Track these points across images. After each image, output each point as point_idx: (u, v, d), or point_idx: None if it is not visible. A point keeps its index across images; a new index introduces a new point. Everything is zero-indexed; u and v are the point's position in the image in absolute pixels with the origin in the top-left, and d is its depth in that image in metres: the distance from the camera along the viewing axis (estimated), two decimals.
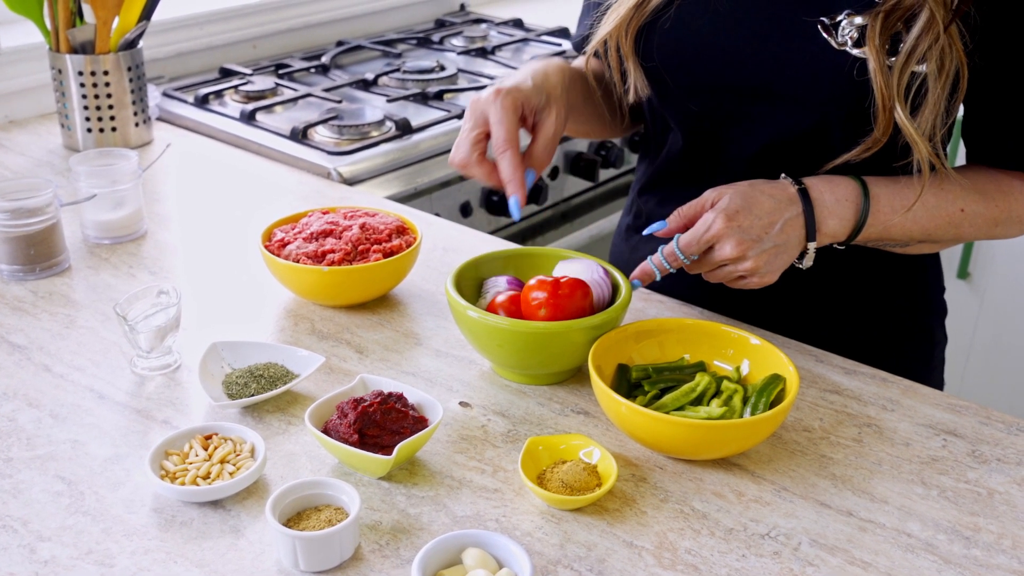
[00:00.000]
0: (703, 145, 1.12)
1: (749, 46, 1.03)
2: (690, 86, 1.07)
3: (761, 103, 1.04)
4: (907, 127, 0.95)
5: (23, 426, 0.92)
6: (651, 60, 1.07)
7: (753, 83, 1.03)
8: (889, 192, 1.02)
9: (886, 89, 0.95)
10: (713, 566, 0.78)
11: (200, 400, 0.97)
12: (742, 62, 1.03)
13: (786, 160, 1.05)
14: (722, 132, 1.09)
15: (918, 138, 0.95)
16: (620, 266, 1.25)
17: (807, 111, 1.02)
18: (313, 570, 0.76)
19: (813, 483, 0.88)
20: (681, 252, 0.98)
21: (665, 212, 1.15)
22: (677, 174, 1.16)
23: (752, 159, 1.08)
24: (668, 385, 0.94)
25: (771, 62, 1.02)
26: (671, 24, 1.05)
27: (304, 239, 1.12)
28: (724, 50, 1.04)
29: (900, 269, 1.13)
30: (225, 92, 1.80)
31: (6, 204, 1.15)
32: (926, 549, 0.81)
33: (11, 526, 0.81)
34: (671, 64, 1.06)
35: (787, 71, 1.01)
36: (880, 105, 0.95)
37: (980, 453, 0.92)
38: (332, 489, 0.81)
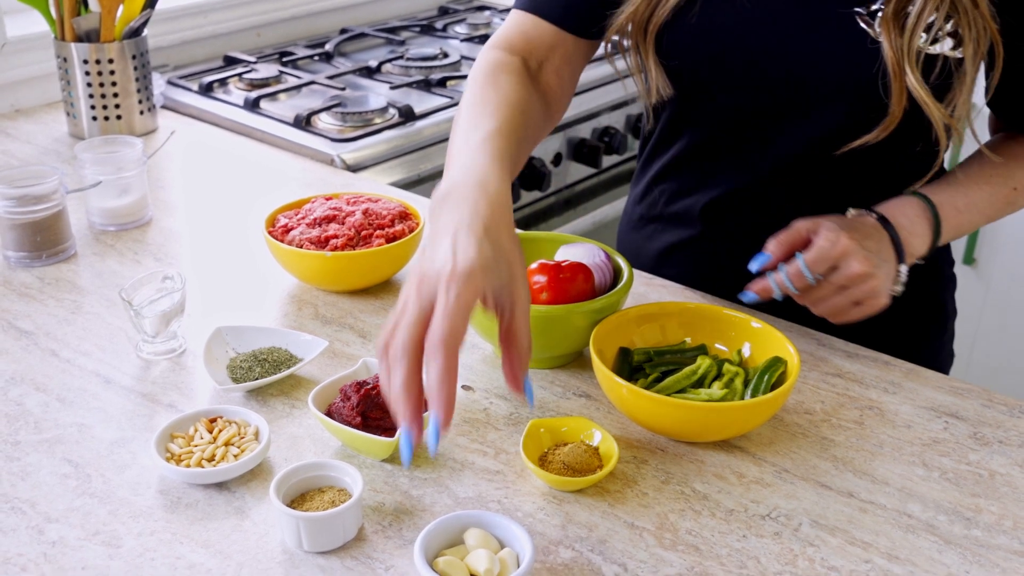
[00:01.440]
0: (731, 137, 1.10)
1: (781, 41, 1.00)
2: (718, 84, 1.05)
3: (794, 97, 1.03)
4: (918, 91, 0.93)
5: (30, 410, 0.93)
6: (674, 59, 1.04)
7: (786, 79, 1.01)
8: (948, 195, 1.03)
9: (894, 53, 0.93)
10: (714, 546, 0.79)
11: (205, 384, 0.97)
12: (774, 58, 1.01)
13: (821, 150, 1.04)
14: (751, 126, 1.08)
15: (930, 103, 0.94)
16: (630, 256, 1.25)
17: (842, 103, 1.01)
18: (317, 550, 0.77)
19: (814, 465, 0.88)
20: (808, 270, 0.95)
21: (688, 202, 1.16)
22: (701, 163, 1.14)
23: (785, 151, 1.07)
24: (669, 368, 0.94)
25: (805, 57, 1.00)
26: (696, 21, 1.02)
27: (307, 225, 1.12)
28: (754, 46, 1.01)
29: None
30: (229, 80, 1.80)
31: (12, 191, 1.15)
32: (927, 530, 0.81)
33: (19, 508, 0.81)
34: (698, 63, 1.04)
35: (822, 65, 0.99)
36: (892, 71, 0.94)
37: (982, 435, 0.93)
38: (335, 471, 0.81)
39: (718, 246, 1.15)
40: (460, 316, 0.71)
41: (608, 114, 1.88)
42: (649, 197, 1.23)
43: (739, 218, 1.13)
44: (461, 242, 0.75)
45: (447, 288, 0.72)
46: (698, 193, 1.14)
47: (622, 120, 1.91)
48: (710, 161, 1.13)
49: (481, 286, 0.73)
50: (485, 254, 0.74)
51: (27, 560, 0.76)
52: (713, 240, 1.15)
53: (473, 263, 0.73)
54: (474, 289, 0.73)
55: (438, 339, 0.71)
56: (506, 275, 0.76)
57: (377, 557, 0.77)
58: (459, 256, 0.74)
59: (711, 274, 1.15)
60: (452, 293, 0.72)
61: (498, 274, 0.75)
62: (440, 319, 0.71)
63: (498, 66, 1.02)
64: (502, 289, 0.75)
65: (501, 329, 0.77)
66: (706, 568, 0.77)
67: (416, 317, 0.72)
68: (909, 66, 0.93)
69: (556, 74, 1.08)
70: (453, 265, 0.73)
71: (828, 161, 1.04)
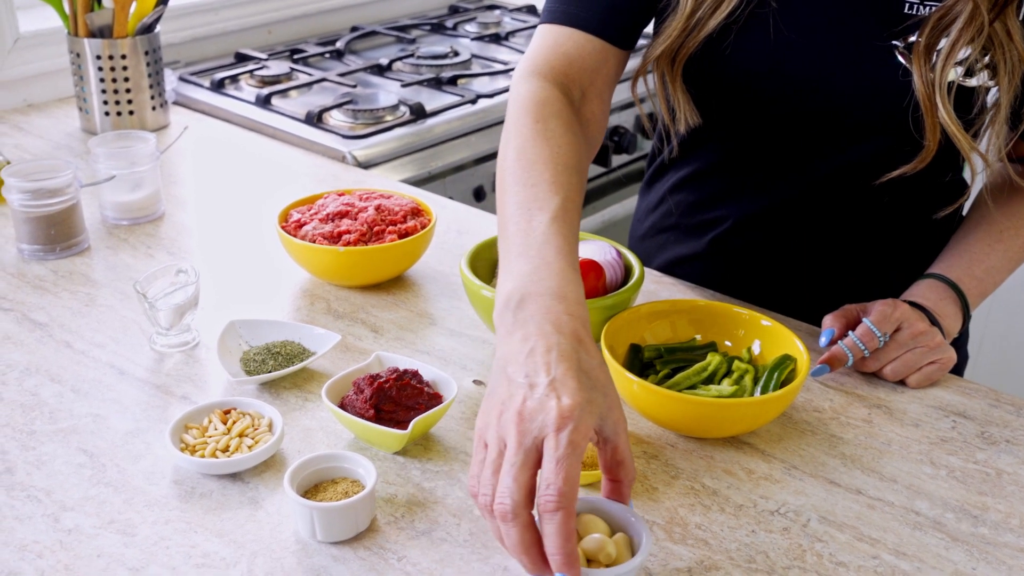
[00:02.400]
0: (757, 163, 1.09)
1: (816, 74, 0.99)
2: (748, 114, 1.05)
3: (828, 130, 1.02)
4: (949, 125, 0.93)
5: (46, 400, 0.94)
6: (704, 89, 1.03)
7: (820, 112, 1.01)
8: (965, 267, 1.04)
9: (925, 86, 0.93)
10: (723, 541, 0.80)
11: (218, 377, 0.98)
12: (808, 91, 1.00)
13: (851, 180, 1.04)
14: (781, 154, 1.07)
15: (961, 136, 0.94)
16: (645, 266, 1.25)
17: (877, 136, 1.01)
18: (330, 540, 0.78)
19: (823, 462, 0.89)
20: (876, 328, 0.97)
21: (706, 217, 1.15)
22: (722, 182, 1.14)
23: (815, 180, 1.07)
24: (680, 365, 0.95)
25: (840, 90, 0.99)
26: (730, 52, 0.99)
27: (320, 220, 1.13)
28: (789, 79, 1.00)
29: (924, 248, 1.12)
30: (241, 77, 1.81)
31: (27, 185, 1.16)
32: (934, 527, 0.82)
33: (35, 496, 0.82)
34: (728, 94, 1.03)
35: (858, 100, 0.99)
36: (924, 106, 0.94)
37: (989, 434, 0.93)
38: (349, 462, 0.82)
39: (732, 262, 1.16)
40: (576, 468, 0.67)
41: (617, 114, 1.89)
42: (663, 207, 1.22)
43: (757, 237, 1.13)
44: (559, 374, 0.69)
45: (558, 434, 0.66)
46: (719, 208, 1.14)
47: (632, 120, 1.92)
48: (732, 181, 1.13)
49: (590, 425, 0.69)
50: (586, 388, 0.69)
51: (43, 547, 0.77)
52: (727, 256, 1.16)
53: (580, 403, 0.68)
54: (586, 431, 0.68)
55: (557, 496, 0.65)
56: (604, 404, 0.70)
57: (390, 548, 0.78)
58: (563, 397, 0.68)
59: (722, 288, 1.15)
60: (564, 441, 0.66)
61: (599, 406, 0.70)
62: (556, 473, 0.66)
63: (543, 106, 0.92)
64: (603, 419, 0.70)
65: (604, 459, 0.72)
66: (715, 562, 0.77)
67: (524, 463, 0.67)
68: (941, 99, 0.93)
69: (599, 99, 1.00)
70: (559, 408, 0.67)
71: (857, 189, 1.04)
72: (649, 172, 1.26)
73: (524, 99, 0.93)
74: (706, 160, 1.14)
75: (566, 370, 0.69)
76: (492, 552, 0.78)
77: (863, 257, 1.12)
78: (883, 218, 1.09)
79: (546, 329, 0.72)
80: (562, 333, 0.72)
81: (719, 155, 1.13)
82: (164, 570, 0.75)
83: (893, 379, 0.99)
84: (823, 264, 1.12)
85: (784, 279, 1.14)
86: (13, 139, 1.56)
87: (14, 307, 1.09)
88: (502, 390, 0.71)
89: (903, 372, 0.98)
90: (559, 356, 0.70)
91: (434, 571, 0.76)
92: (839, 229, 1.10)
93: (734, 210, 1.13)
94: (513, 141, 0.90)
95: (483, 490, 0.69)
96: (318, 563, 0.76)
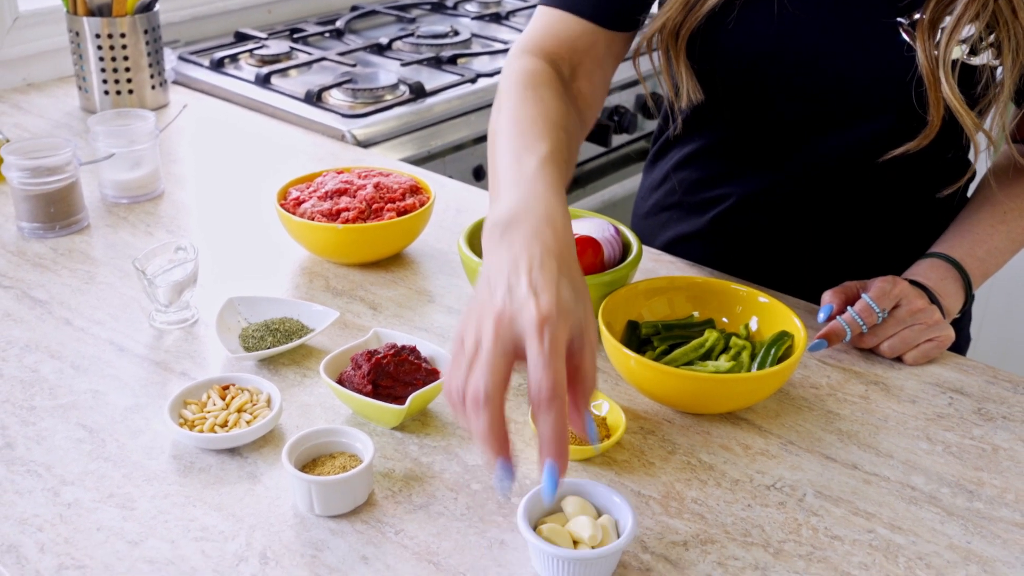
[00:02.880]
0: (762, 140, 1.09)
1: (821, 51, 0.99)
2: (752, 91, 1.05)
3: (833, 107, 1.02)
4: (952, 101, 0.93)
5: (46, 376, 0.94)
6: (707, 64, 1.03)
7: (825, 89, 1.01)
8: (968, 247, 1.04)
9: (929, 62, 0.92)
10: (719, 515, 0.80)
11: (217, 353, 0.99)
12: (813, 68, 1.00)
13: (856, 158, 1.04)
14: (785, 131, 1.07)
15: (964, 112, 0.93)
16: (644, 243, 1.25)
17: (884, 114, 1.00)
18: (328, 514, 0.78)
19: (819, 437, 0.89)
20: (875, 304, 0.97)
21: (709, 195, 1.15)
22: (726, 160, 1.14)
23: (820, 158, 1.06)
24: (677, 341, 0.95)
25: (845, 68, 0.99)
26: (733, 27, 0.99)
27: (319, 198, 1.13)
28: (793, 56, 1.00)
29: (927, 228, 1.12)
30: (240, 56, 1.81)
31: (27, 162, 1.16)
32: (929, 501, 0.82)
33: (35, 471, 0.83)
34: (732, 70, 1.03)
35: (862, 77, 0.98)
36: (928, 82, 0.93)
37: (986, 411, 0.94)
38: (347, 437, 0.82)
39: (733, 240, 1.16)
40: (560, 363, 0.68)
41: (618, 93, 1.88)
42: (666, 185, 1.22)
43: (760, 215, 1.13)
44: (540, 281, 0.71)
45: (540, 333, 0.68)
46: (723, 186, 1.15)
47: (632, 100, 1.92)
48: (735, 158, 1.13)
49: (568, 328, 0.70)
50: (565, 294, 0.71)
51: (43, 521, 0.78)
52: (729, 234, 1.16)
53: (559, 304, 0.70)
54: (565, 332, 0.70)
55: (549, 392, 0.67)
56: (582, 315, 0.72)
57: (387, 521, 0.78)
58: (542, 297, 0.70)
59: (722, 268, 1.16)
60: (547, 338, 0.68)
61: (577, 316, 0.72)
62: (543, 370, 0.68)
63: (533, 76, 0.96)
64: (576, 329, 0.71)
65: (568, 367, 0.71)
66: (711, 536, 0.78)
67: (498, 359, 0.69)
68: (944, 75, 0.92)
69: (588, 79, 1.02)
70: (537, 307, 0.69)
71: (860, 167, 1.04)
72: (653, 150, 1.26)
73: (516, 73, 0.96)
74: (710, 138, 1.14)
75: (547, 279, 0.71)
76: (489, 526, 0.78)
77: (865, 236, 1.12)
78: (886, 197, 1.09)
79: (532, 246, 0.74)
80: (547, 251, 0.74)
81: (723, 133, 1.13)
82: (163, 543, 0.76)
83: (890, 356, 0.99)
84: (825, 243, 1.12)
85: (786, 258, 1.14)
86: (13, 118, 1.56)
87: (14, 284, 1.09)
88: (483, 296, 0.73)
89: (900, 349, 0.99)
90: (541, 266, 0.72)
91: (431, 544, 0.76)
92: (842, 208, 1.10)
93: (737, 188, 1.13)
94: (504, 107, 0.92)
95: (455, 383, 0.70)
96: (316, 536, 0.77)
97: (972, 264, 1.04)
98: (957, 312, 1.03)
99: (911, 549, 0.77)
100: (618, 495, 0.76)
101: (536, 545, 0.72)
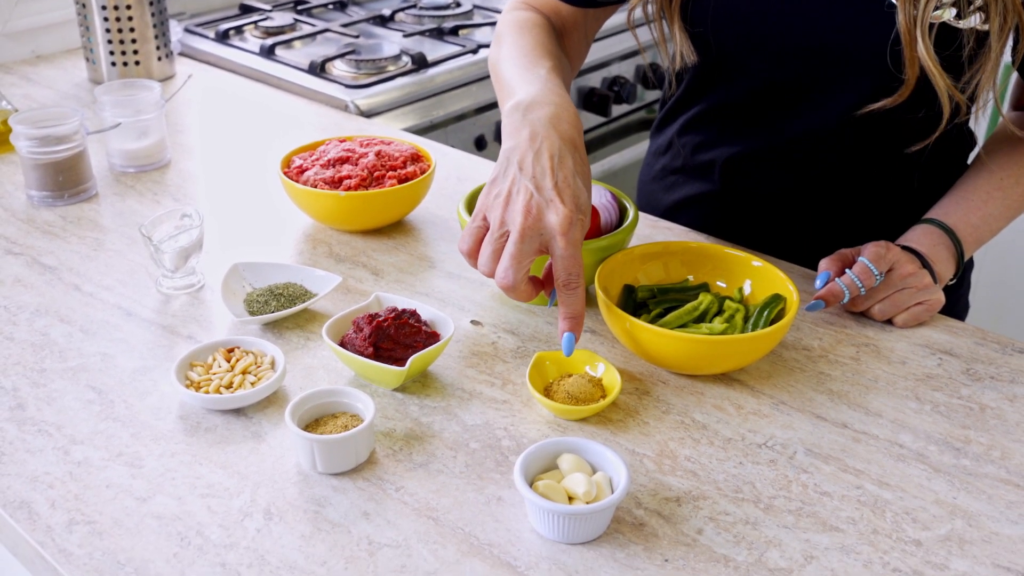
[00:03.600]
0: (756, 101, 1.10)
1: (811, 12, 1.00)
2: (745, 53, 1.06)
3: (824, 68, 1.03)
4: (927, 60, 0.93)
5: (55, 340, 0.97)
6: (699, 26, 1.04)
7: (816, 50, 1.01)
8: (962, 214, 1.05)
9: (907, 21, 0.93)
10: (711, 472, 0.82)
11: (223, 317, 1.01)
12: (804, 29, 1.00)
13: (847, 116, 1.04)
14: (778, 92, 1.08)
15: (937, 73, 0.94)
16: (649, 206, 1.27)
17: (872, 74, 1.00)
18: (330, 472, 0.81)
19: (810, 398, 0.91)
20: (873, 265, 0.98)
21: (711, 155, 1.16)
22: (726, 121, 1.15)
23: (812, 118, 1.07)
24: (672, 305, 0.97)
25: (835, 28, 0.99)
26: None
27: (322, 166, 1.15)
28: (784, 16, 1.01)
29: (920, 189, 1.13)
30: (245, 28, 1.82)
31: (35, 131, 1.18)
32: (917, 459, 0.84)
33: (46, 431, 0.85)
34: (725, 32, 1.04)
35: (852, 37, 0.99)
36: (904, 40, 0.94)
37: (974, 371, 0.95)
38: (348, 397, 0.85)
39: (735, 201, 1.17)
40: (579, 254, 0.83)
41: (618, 64, 1.89)
42: (672, 149, 1.24)
43: (758, 176, 1.14)
44: (562, 179, 0.84)
45: (566, 233, 0.82)
46: (721, 147, 1.16)
47: (632, 70, 1.93)
48: (734, 120, 1.14)
49: (584, 225, 0.84)
50: (581, 195, 0.84)
51: (53, 478, 0.80)
52: (731, 195, 1.17)
53: (579, 206, 0.83)
54: (582, 232, 0.84)
55: (575, 281, 0.84)
56: (587, 207, 0.86)
57: (387, 479, 0.81)
58: (567, 198, 0.83)
59: (725, 229, 1.17)
60: (571, 241, 0.83)
61: (587, 210, 0.85)
62: (568, 262, 0.83)
63: (528, 20, 1.07)
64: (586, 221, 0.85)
65: None
66: (703, 491, 0.80)
67: (525, 255, 0.83)
68: (921, 35, 0.93)
69: (568, 37, 1.13)
70: (563, 209, 0.82)
71: (853, 128, 1.05)
72: (659, 116, 1.28)
73: (512, 19, 1.08)
74: (710, 102, 1.16)
75: (566, 177, 0.84)
76: (487, 483, 0.80)
77: (860, 198, 1.13)
78: (880, 158, 1.10)
79: (551, 134, 0.85)
80: (564, 139, 0.85)
81: (721, 96, 1.14)
82: (170, 499, 0.78)
83: (881, 318, 1.01)
84: (820, 205, 1.14)
85: (783, 220, 1.15)
86: (22, 89, 1.58)
87: (24, 251, 1.12)
88: (508, 181, 0.85)
89: (891, 312, 1.00)
90: (561, 162, 0.84)
91: (430, 501, 0.78)
92: (836, 169, 1.11)
93: (733, 149, 1.14)
94: (505, 42, 1.04)
95: (484, 263, 0.85)
96: (318, 493, 0.79)
97: (966, 231, 1.05)
98: (950, 278, 1.05)
99: (898, 504, 0.79)
100: (613, 452, 0.78)
101: (532, 501, 0.74)
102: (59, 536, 0.75)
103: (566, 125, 0.86)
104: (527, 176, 0.84)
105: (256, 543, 0.74)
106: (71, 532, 0.75)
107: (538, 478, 0.78)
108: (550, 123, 0.86)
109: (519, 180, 0.84)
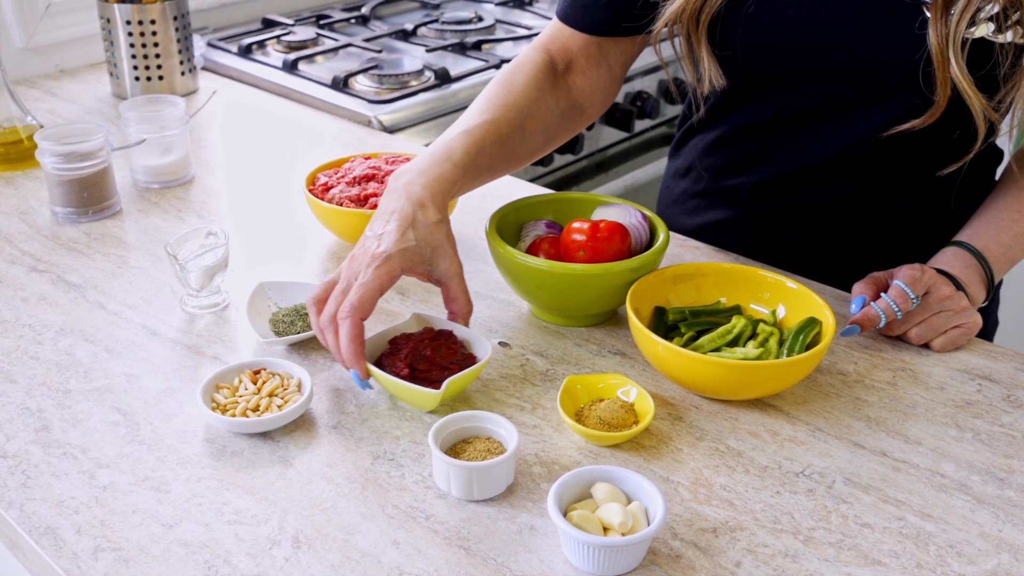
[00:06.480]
0: (786, 124, 1.09)
1: (843, 32, 0.98)
2: (775, 75, 1.04)
3: (857, 89, 1.01)
4: (960, 80, 0.91)
5: (80, 360, 0.96)
6: (728, 49, 1.03)
7: (848, 71, 1.00)
8: (992, 235, 1.03)
9: (938, 40, 0.91)
10: (748, 502, 0.80)
11: (248, 337, 1.00)
12: (836, 49, 0.99)
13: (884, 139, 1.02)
14: (809, 114, 1.06)
15: (972, 92, 0.92)
16: (671, 230, 1.25)
17: (907, 94, 0.98)
18: (485, 497, 0.80)
19: (847, 424, 0.89)
20: (909, 289, 0.97)
21: (737, 181, 1.15)
22: (751, 144, 1.13)
23: (845, 140, 1.06)
24: (704, 327, 0.95)
25: (868, 48, 0.97)
26: (754, 11, 0.99)
27: (347, 183, 1.14)
28: (815, 37, 0.99)
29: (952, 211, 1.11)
30: (268, 42, 1.82)
31: (60, 148, 1.18)
32: (959, 489, 0.82)
33: (71, 453, 0.84)
34: (754, 54, 1.02)
35: (886, 57, 0.97)
36: (936, 60, 0.92)
37: (1015, 398, 0.93)
38: (486, 421, 0.84)
39: (764, 225, 1.15)
40: (369, 291, 0.87)
41: (641, 79, 1.88)
42: (694, 172, 1.22)
43: (787, 200, 1.12)
44: (387, 231, 0.90)
45: (366, 269, 0.88)
46: (748, 171, 1.14)
47: (655, 85, 1.91)
48: (761, 143, 1.12)
49: (398, 267, 0.89)
50: (406, 240, 0.89)
51: (79, 503, 0.79)
52: (759, 220, 1.15)
53: (392, 249, 0.88)
54: (390, 270, 0.88)
55: (348, 307, 0.87)
56: (428, 255, 0.91)
57: (417, 506, 0.79)
58: (381, 245, 0.89)
59: (752, 252, 1.15)
60: (368, 274, 0.88)
61: (417, 255, 0.90)
62: (353, 292, 0.87)
63: (518, 65, 1.08)
64: (426, 265, 0.91)
65: (444, 296, 0.94)
66: (740, 522, 0.78)
67: (342, 290, 0.89)
68: (954, 54, 0.91)
69: (583, 74, 1.11)
70: (373, 252, 0.89)
71: (879, 145, 1.03)
72: (677, 136, 1.25)
73: (510, 64, 1.10)
74: (733, 124, 1.14)
75: (396, 227, 0.90)
76: (519, 511, 0.79)
77: (890, 220, 1.11)
78: (910, 180, 1.08)
79: (400, 197, 0.92)
80: (410, 200, 0.91)
81: (746, 119, 1.12)
82: (197, 526, 0.77)
83: (918, 343, 0.99)
84: (852, 227, 1.12)
85: (813, 243, 1.14)
86: (46, 104, 1.57)
87: (49, 269, 1.11)
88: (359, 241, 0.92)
89: (928, 335, 0.98)
90: (397, 216, 0.90)
91: (461, 530, 0.77)
92: (866, 191, 1.09)
93: (761, 174, 1.13)
94: None
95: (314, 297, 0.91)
96: (347, 521, 0.78)
97: (997, 252, 1.03)
98: (982, 301, 1.03)
99: (942, 537, 0.77)
100: (649, 482, 0.76)
101: (566, 531, 0.72)
102: (85, 564, 0.73)
103: (418, 188, 0.92)
104: (368, 232, 0.92)
105: (285, 572, 0.73)
106: (97, 559, 0.74)
107: (572, 507, 0.76)
108: (404, 189, 0.92)
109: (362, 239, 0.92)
